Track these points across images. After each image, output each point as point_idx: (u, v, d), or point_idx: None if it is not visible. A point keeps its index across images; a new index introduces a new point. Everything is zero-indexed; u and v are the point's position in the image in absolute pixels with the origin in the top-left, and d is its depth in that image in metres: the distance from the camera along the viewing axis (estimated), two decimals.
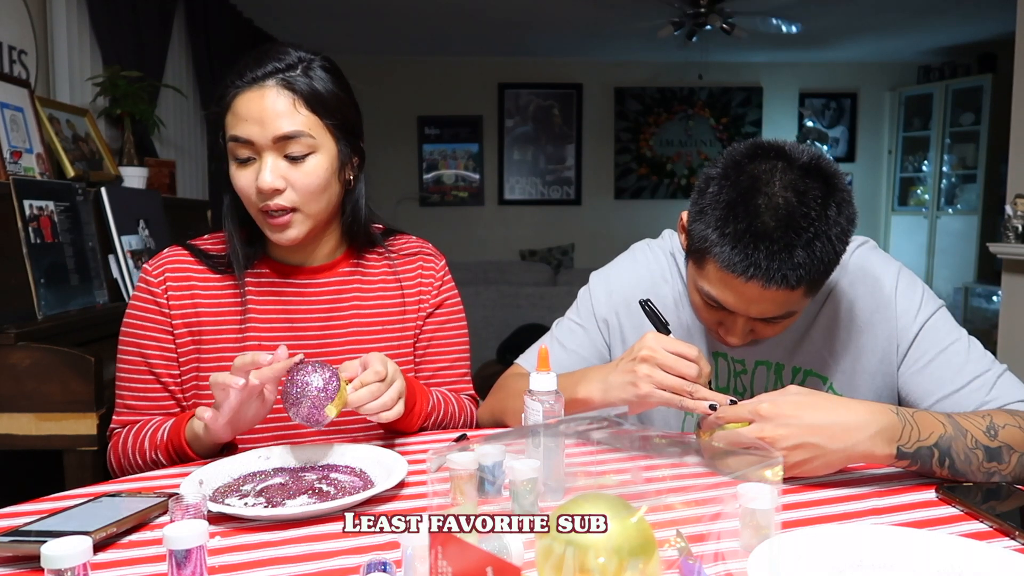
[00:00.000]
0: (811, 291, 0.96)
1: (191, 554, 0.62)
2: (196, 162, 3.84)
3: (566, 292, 4.20)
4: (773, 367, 1.12)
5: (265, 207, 1.04)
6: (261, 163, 1.03)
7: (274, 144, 1.02)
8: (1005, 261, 3.16)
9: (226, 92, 1.04)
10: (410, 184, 6.23)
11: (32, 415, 1.66)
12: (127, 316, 1.13)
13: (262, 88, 1.02)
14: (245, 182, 1.05)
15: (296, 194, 1.04)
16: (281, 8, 4.48)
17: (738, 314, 0.98)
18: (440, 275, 1.25)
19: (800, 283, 0.91)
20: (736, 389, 1.14)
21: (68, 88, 2.66)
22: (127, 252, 2.28)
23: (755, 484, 0.68)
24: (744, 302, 0.95)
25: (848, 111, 6.48)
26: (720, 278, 0.95)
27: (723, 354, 1.14)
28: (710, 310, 1.02)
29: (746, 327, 1.00)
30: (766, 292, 0.92)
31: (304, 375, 0.92)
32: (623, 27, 5.09)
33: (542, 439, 0.82)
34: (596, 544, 0.52)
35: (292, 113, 1.02)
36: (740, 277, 0.91)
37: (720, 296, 0.96)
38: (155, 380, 1.11)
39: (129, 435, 1.08)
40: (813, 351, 1.11)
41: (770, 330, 1.01)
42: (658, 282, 1.19)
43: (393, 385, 0.98)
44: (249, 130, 1.02)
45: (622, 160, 6.42)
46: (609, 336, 1.22)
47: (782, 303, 0.94)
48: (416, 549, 0.59)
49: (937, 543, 0.68)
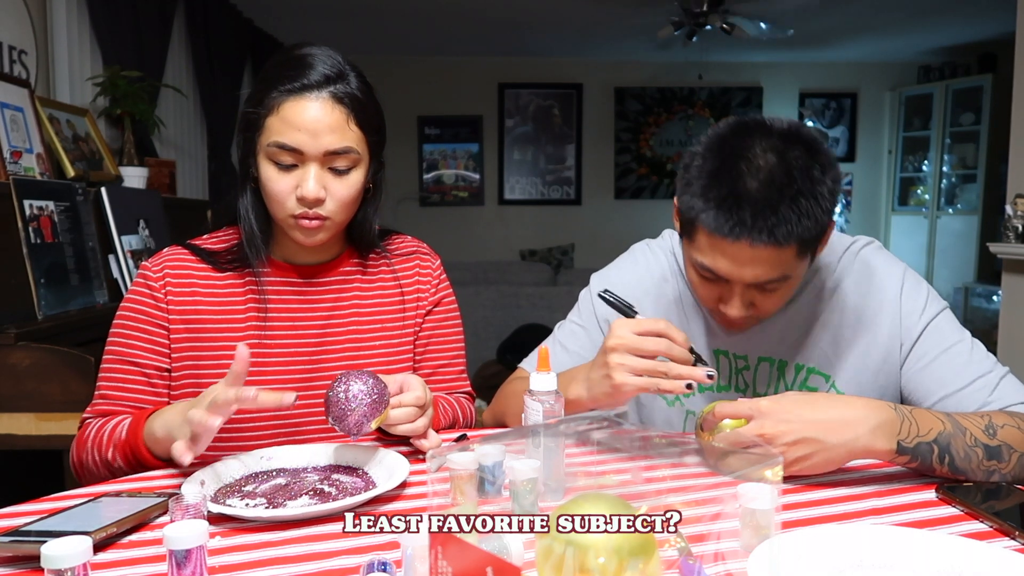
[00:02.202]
0: (803, 252, 0.95)
1: (191, 554, 0.62)
2: (196, 162, 3.84)
3: (566, 292, 4.20)
4: (776, 363, 1.12)
5: (302, 213, 1.05)
6: (305, 172, 1.03)
7: (323, 157, 1.03)
8: (1005, 261, 3.16)
9: (267, 94, 1.03)
10: (410, 184, 6.23)
11: (32, 415, 1.67)
12: (121, 308, 1.12)
13: (316, 98, 1.02)
14: (284, 187, 1.04)
15: (333, 204, 1.05)
16: (281, 8, 4.48)
17: (734, 283, 0.97)
18: (436, 274, 1.26)
19: (788, 240, 0.91)
20: (738, 386, 1.14)
21: (68, 88, 2.66)
22: (127, 252, 2.28)
23: (755, 484, 0.68)
24: (736, 265, 0.94)
25: (848, 111, 6.48)
26: (710, 244, 0.95)
27: (724, 351, 1.14)
28: (707, 284, 1.01)
29: (744, 297, 0.99)
30: (756, 251, 0.92)
31: (354, 385, 0.90)
32: (623, 27, 5.10)
33: (542, 439, 0.82)
34: (596, 544, 0.52)
35: (344, 129, 1.03)
36: (727, 238, 0.92)
37: (712, 263, 0.96)
38: (139, 373, 1.09)
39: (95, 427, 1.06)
40: (816, 349, 1.11)
41: (769, 301, 1.00)
42: (659, 281, 1.19)
43: (427, 412, 1.00)
44: (299, 139, 1.01)
45: (622, 160, 6.42)
46: None
47: (774, 263, 0.94)
48: (416, 549, 0.59)
49: (937, 543, 0.68)
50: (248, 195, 1.11)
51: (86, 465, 1.06)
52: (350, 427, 0.90)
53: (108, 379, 1.10)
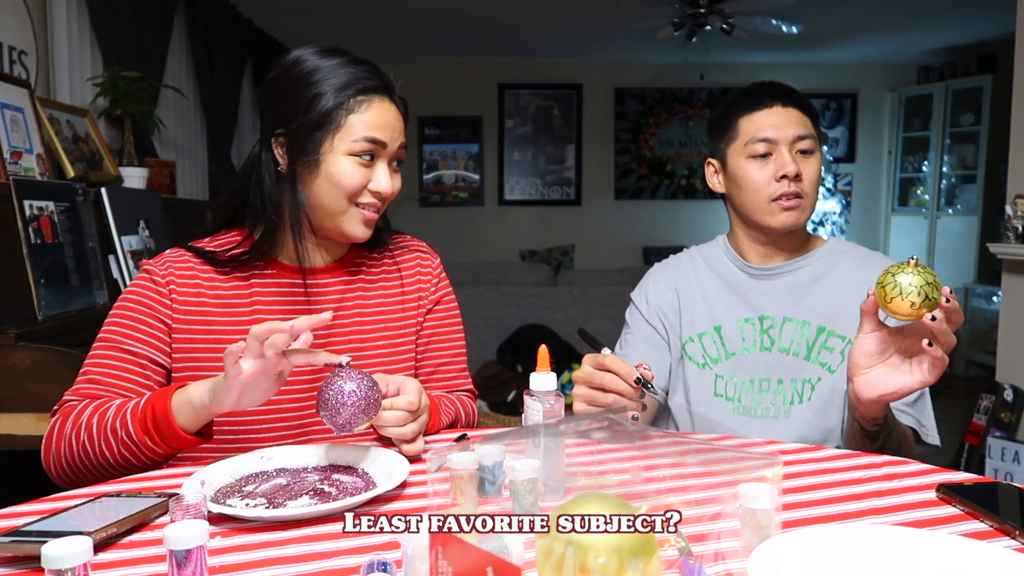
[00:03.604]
0: (815, 129, 1.29)
1: (191, 554, 0.62)
2: (196, 162, 3.84)
3: (566, 293, 4.20)
4: (799, 323, 1.30)
5: (370, 203, 1.13)
6: (379, 167, 1.12)
7: (394, 152, 1.13)
8: (1005, 261, 3.16)
9: (345, 94, 1.08)
10: (410, 184, 6.23)
11: (32, 415, 1.66)
12: (121, 300, 1.11)
13: (390, 100, 1.13)
14: (361, 180, 1.11)
15: (391, 197, 1.16)
16: (281, 8, 4.48)
17: (780, 143, 1.26)
18: (436, 272, 1.28)
19: (804, 105, 1.30)
20: (763, 345, 1.31)
21: (68, 88, 2.66)
22: (127, 252, 2.28)
23: (755, 484, 0.68)
24: (778, 125, 1.26)
25: (848, 111, 6.48)
26: (752, 121, 1.28)
27: (749, 319, 1.32)
28: (762, 164, 1.27)
29: (792, 155, 1.26)
30: (787, 111, 1.27)
31: (349, 383, 0.91)
32: (623, 27, 5.09)
33: (542, 439, 0.82)
34: (596, 544, 0.52)
35: (402, 129, 1.15)
36: (764, 107, 1.28)
37: (760, 131, 1.27)
38: (133, 361, 1.07)
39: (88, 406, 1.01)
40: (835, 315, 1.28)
41: (809, 166, 1.27)
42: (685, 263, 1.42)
43: (419, 420, 1.00)
44: (385, 135, 1.11)
45: (622, 160, 6.42)
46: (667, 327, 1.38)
47: (803, 122, 1.28)
48: (416, 549, 0.59)
49: (937, 543, 0.68)
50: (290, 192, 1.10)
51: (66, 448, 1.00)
52: (339, 424, 0.91)
53: (99, 364, 1.07)
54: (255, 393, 0.92)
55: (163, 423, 0.95)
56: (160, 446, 0.96)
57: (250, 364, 0.88)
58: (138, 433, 0.96)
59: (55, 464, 1.02)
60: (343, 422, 0.91)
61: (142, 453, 0.97)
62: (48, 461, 1.03)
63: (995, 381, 3.26)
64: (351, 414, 0.90)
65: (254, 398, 0.93)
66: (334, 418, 0.90)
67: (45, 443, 1.03)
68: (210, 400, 0.92)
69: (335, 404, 0.90)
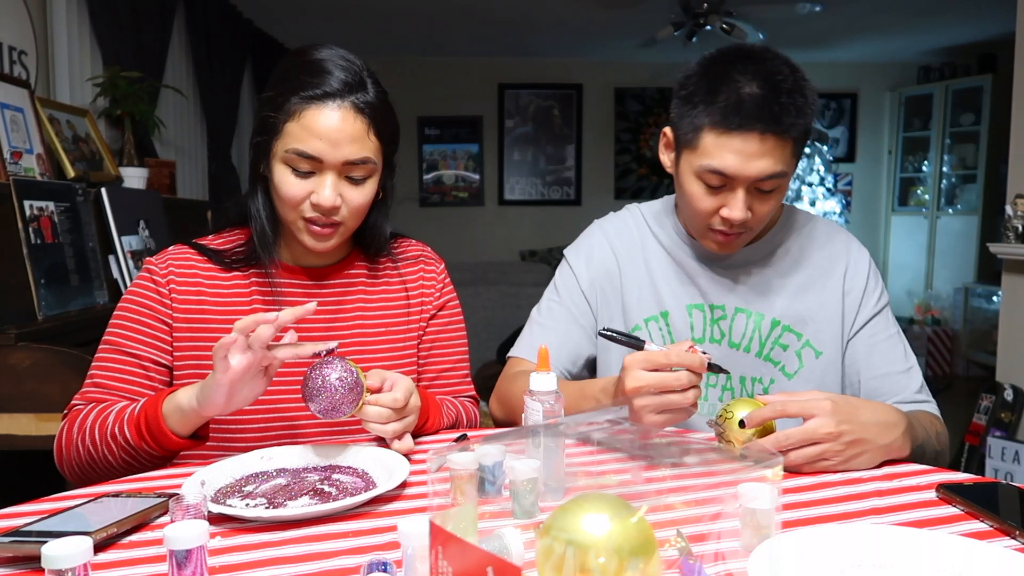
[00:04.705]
0: (796, 150, 1.06)
1: (191, 554, 0.62)
2: (196, 162, 3.84)
3: None
4: (752, 316, 1.19)
5: (315, 218, 1.05)
6: (322, 180, 1.03)
7: (341, 166, 1.03)
8: (1005, 261, 3.16)
9: (287, 99, 1.02)
10: (410, 184, 6.22)
11: (32, 415, 1.67)
12: (123, 301, 1.11)
13: (338, 107, 1.01)
14: (299, 192, 1.04)
15: (347, 212, 1.07)
16: (281, 9, 4.48)
17: (738, 182, 1.05)
18: (440, 278, 1.27)
19: (791, 130, 1.02)
20: (712, 336, 1.20)
21: (68, 88, 2.66)
22: (127, 252, 2.28)
23: (755, 484, 0.68)
24: (743, 159, 1.03)
25: (848, 111, 6.48)
26: (717, 144, 1.04)
27: (699, 305, 1.21)
28: (710, 193, 1.08)
29: (746, 199, 1.06)
30: (764, 141, 1.02)
31: (330, 371, 0.93)
32: (623, 27, 5.09)
33: (542, 439, 0.82)
34: (596, 544, 0.52)
35: (364, 140, 1.03)
36: (737, 131, 1.02)
37: (720, 162, 1.04)
38: (136, 364, 1.07)
39: (92, 411, 1.02)
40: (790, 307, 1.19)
41: (764, 205, 1.08)
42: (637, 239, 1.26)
43: (404, 420, 0.99)
44: (319, 148, 1.01)
45: (622, 160, 6.42)
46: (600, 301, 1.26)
47: (778, 156, 1.03)
48: (416, 549, 0.59)
49: (937, 543, 0.68)
50: (259, 196, 1.10)
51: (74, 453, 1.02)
52: (319, 411, 0.94)
53: (104, 368, 1.08)
54: (243, 391, 0.92)
55: (155, 429, 0.96)
56: (156, 450, 0.97)
57: (237, 359, 0.88)
58: (134, 438, 0.97)
59: (68, 467, 1.05)
60: (322, 408, 0.93)
61: (141, 457, 0.99)
62: (61, 464, 1.06)
63: (995, 381, 3.26)
64: (331, 401, 0.93)
65: (243, 397, 0.93)
66: (314, 404, 0.93)
67: (56, 448, 1.06)
68: (199, 403, 0.93)
69: (315, 390, 0.93)
